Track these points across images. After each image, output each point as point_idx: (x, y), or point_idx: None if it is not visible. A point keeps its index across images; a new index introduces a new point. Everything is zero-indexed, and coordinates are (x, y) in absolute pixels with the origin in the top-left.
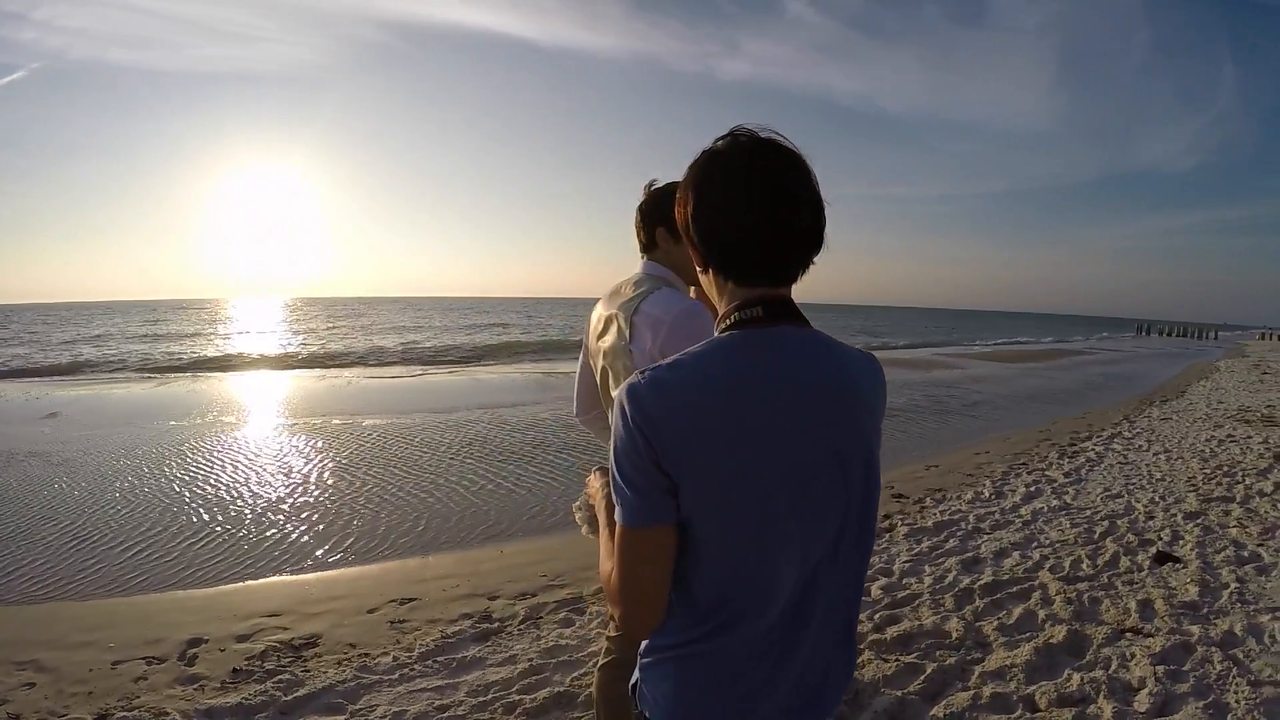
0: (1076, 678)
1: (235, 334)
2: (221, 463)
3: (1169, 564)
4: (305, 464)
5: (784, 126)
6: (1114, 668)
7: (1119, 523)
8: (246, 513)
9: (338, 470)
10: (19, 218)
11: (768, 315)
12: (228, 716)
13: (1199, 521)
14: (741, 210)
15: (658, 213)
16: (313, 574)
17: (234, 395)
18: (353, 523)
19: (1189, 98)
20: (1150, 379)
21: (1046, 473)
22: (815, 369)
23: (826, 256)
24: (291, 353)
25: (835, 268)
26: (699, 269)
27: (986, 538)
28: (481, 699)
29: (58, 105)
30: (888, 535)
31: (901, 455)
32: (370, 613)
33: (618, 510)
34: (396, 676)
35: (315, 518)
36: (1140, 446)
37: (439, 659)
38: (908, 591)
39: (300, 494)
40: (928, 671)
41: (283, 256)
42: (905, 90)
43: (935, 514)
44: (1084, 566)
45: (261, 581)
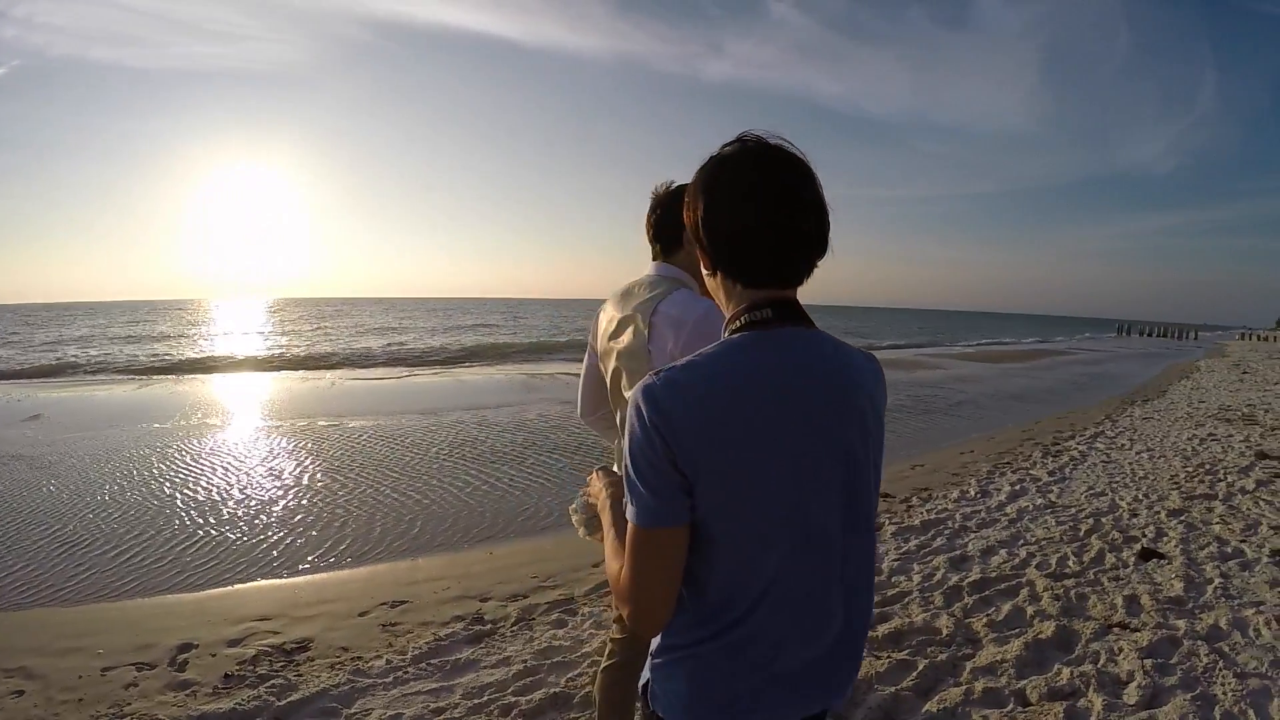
0: (1066, 672)
1: (218, 335)
2: (207, 465)
3: (1154, 560)
4: (291, 466)
5: (766, 128)
6: (1103, 662)
7: (1104, 520)
8: (234, 516)
9: (324, 472)
10: None
11: (777, 317)
12: None
13: (1182, 519)
14: (751, 214)
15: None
16: (302, 577)
17: (218, 397)
18: (341, 525)
19: (1170, 101)
20: (1131, 379)
21: (1031, 471)
22: (823, 369)
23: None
24: (275, 354)
25: (819, 269)
26: (706, 271)
27: (973, 536)
28: (477, 701)
29: (38, 103)
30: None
31: (887, 455)
32: (361, 616)
33: (630, 510)
34: (390, 680)
35: (302, 520)
36: (1123, 445)
37: (432, 661)
38: (897, 589)
39: (287, 496)
40: (920, 668)
41: (265, 257)
42: (888, 92)
43: (922, 513)
44: (1070, 563)
45: (251, 585)
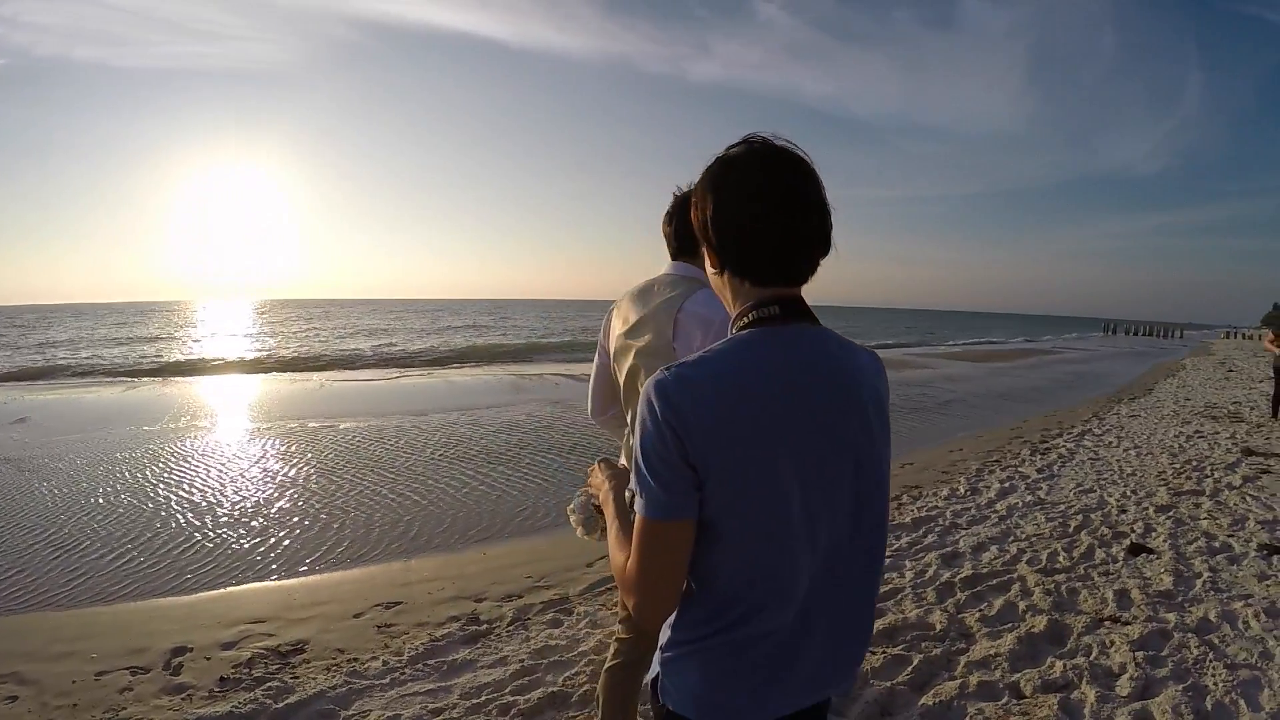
0: (1059, 665)
1: (205, 337)
2: (196, 468)
3: (1143, 555)
4: (282, 468)
5: (752, 129)
6: (1095, 654)
7: (1093, 516)
8: (224, 518)
9: (315, 474)
10: None
11: (784, 313)
12: None
13: (1170, 514)
14: (759, 214)
15: None
16: (295, 579)
17: (207, 399)
18: (333, 527)
19: (1157, 102)
20: (1118, 377)
21: (1020, 469)
22: (829, 366)
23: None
24: (263, 356)
25: (820, 267)
26: (713, 269)
27: (964, 533)
28: (475, 701)
29: (22, 103)
30: None
31: None
32: (356, 617)
33: (640, 502)
34: (388, 681)
35: (294, 522)
36: (1110, 443)
37: (429, 662)
38: (890, 586)
39: (277, 498)
40: (914, 662)
41: (252, 258)
42: (875, 93)
43: (913, 510)
44: (1061, 559)
45: (243, 588)
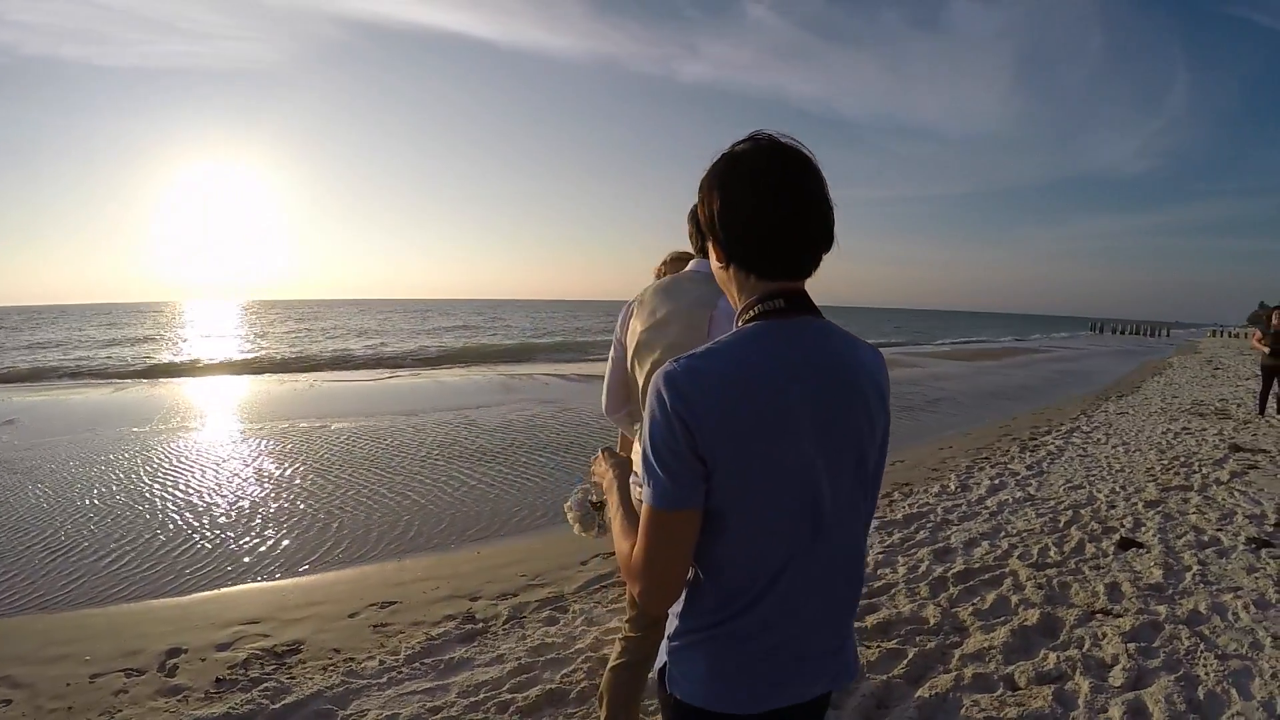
0: (1053, 657)
1: (193, 338)
2: (188, 469)
3: (1133, 549)
4: (273, 468)
5: (741, 129)
6: (1087, 647)
7: (1082, 512)
8: (217, 519)
9: (307, 474)
10: None
11: (789, 307)
12: None
13: (1159, 509)
14: (764, 210)
15: None
16: (289, 579)
17: (196, 400)
18: (326, 527)
19: (1143, 103)
20: (1106, 375)
21: (1009, 466)
22: (834, 358)
23: None
24: (254, 357)
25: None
26: (719, 264)
27: (955, 529)
28: (473, 699)
29: (8, 102)
30: None
31: None
32: (351, 617)
33: (647, 491)
34: (385, 680)
35: (287, 523)
36: (1099, 440)
37: (426, 661)
38: (883, 581)
39: (270, 499)
40: (909, 656)
41: (239, 258)
42: (862, 94)
43: (904, 507)
44: (1052, 553)
45: (237, 588)
